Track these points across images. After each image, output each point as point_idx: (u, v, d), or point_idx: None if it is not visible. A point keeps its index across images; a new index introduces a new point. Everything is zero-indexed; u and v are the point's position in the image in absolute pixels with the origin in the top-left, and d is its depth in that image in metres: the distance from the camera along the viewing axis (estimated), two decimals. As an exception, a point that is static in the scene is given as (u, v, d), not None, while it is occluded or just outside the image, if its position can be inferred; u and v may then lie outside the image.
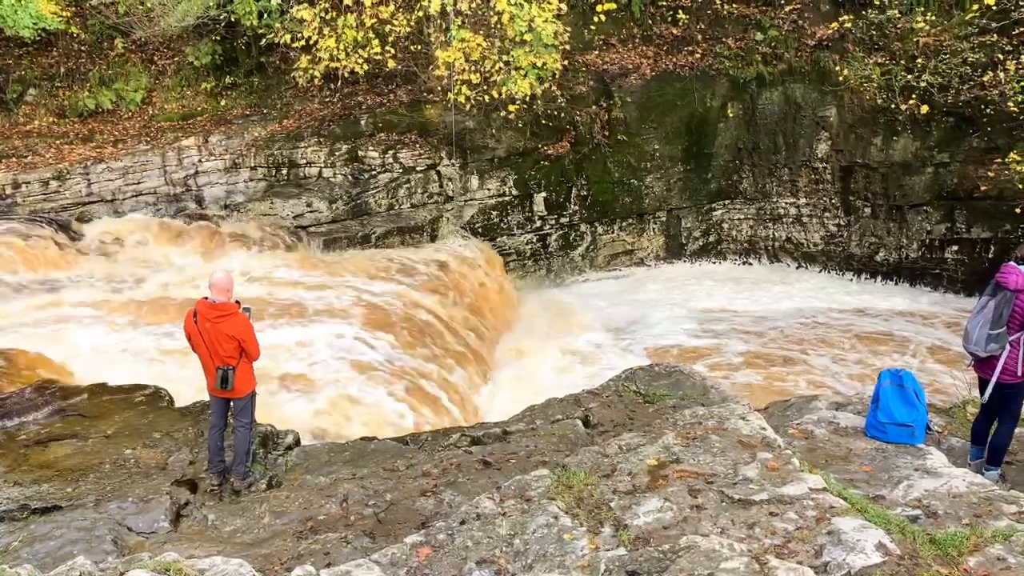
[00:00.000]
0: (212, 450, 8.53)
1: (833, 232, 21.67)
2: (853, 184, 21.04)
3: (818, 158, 21.36)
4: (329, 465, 8.88)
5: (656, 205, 22.29)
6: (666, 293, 20.69)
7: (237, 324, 8.08)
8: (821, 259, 21.95)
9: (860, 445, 7.39)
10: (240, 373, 8.19)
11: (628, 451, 6.25)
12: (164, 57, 21.95)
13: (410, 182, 19.99)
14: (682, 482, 5.65)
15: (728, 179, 22.43)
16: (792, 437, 7.62)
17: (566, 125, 21.10)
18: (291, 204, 19.22)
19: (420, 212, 20.02)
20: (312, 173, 19.92)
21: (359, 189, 19.74)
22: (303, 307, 15.12)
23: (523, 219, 21.09)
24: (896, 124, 19.98)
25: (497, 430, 9.48)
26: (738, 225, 22.76)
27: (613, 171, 21.69)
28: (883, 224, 20.77)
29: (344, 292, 15.76)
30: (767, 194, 22.20)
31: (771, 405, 9.82)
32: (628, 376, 10.70)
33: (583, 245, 21.97)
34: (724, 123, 21.98)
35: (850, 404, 8.74)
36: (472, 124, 20.36)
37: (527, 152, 20.86)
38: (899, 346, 17.51)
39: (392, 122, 20.52)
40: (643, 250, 22.64)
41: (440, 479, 8.05)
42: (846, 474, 6.78)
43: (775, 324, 18.69)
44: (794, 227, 22.15)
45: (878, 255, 21.05)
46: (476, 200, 20.60)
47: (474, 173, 20.51)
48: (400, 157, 20.04)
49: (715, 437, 6.23)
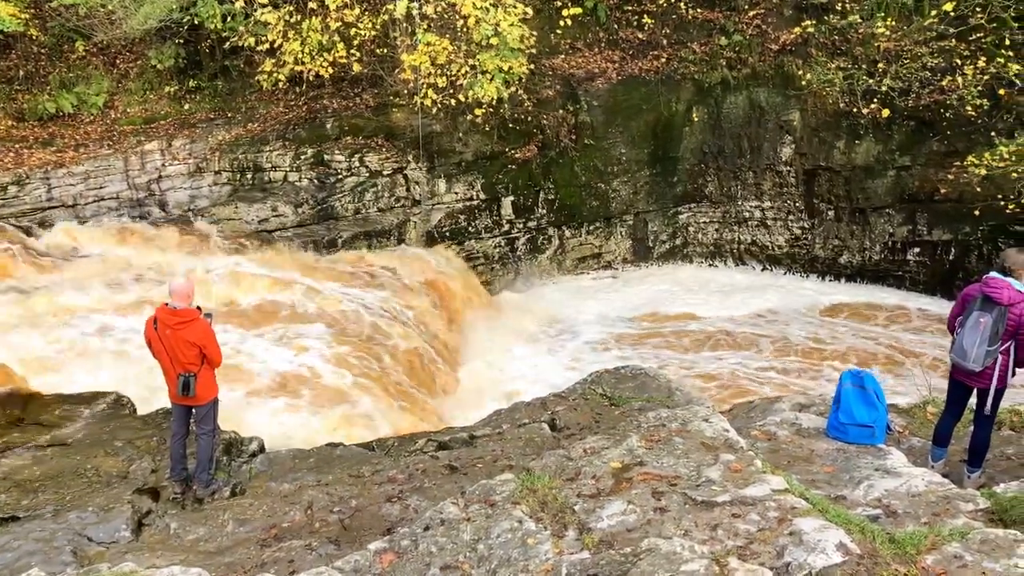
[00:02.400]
0: (174, 458, 8.43)
1: (798, 235, 21.84)
2: (817, 187, 21.22)
3: (782, 162, 21.52)
4: (294, 472, 8.82)
5: (623, 209, 22.38)
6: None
7: (198, 330, 8.01)
8: (786, 261, 22.10)
9: (822, 446, 7.44)
10: (202, 380, 8.12)
11: (593, 454, 6.25)
12: (126, 60, 21.67)
13: (377, 186, 19.95)
14: (646, 485, 5.64)
15: (694, 183, 22.53)
16: (755, 439, 7.66)
17: (533, 129, 21.14)
18: (256, 209, 19.07)
19: (387, 216, 19.96)
20: (277, 177, 19.83)
21: (325, 193, 19.66)
22: (274, 311, 15.11)
23: (491, 223, 21.11)
24: (858, 128, 20.18)
25: (464, 435, 9.48)
26: (704, 228, 22.88)
27: (580, 175, 21.77)
28: (846, 227, 20.95)
29: (315, 296, 15.81)
30: (732, 197, 22.34)
31: (735, 407, 9.87)
32: (595, 379, 10.75)
33: (551, 248, 22.03)
34: (689, 127, 22.09)
35: (813, 405, 8.78)
36: (439, 128, 20.33)
37: (494, 156, 20.87)
38: (861, 347, 17.69)
39: (358, 126, 20.46)
40: (610, 253, 22.73)
41: (406, 485, 8.02)
42: (808, 475, 6.82)
43: (741, 326, 18.92)
44: (759, 230, 22.31)
45: (842, 257, 21.24)
46: (444, 204, 20.57)
47: (441, 177, 20.48)
48: (367, 161, 19.99)
49: (679, 439, 6.24)
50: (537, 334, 18.78)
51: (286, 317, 15.07)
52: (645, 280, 22.06)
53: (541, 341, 18.39)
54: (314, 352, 14.13)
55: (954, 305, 7.75)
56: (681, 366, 16.91)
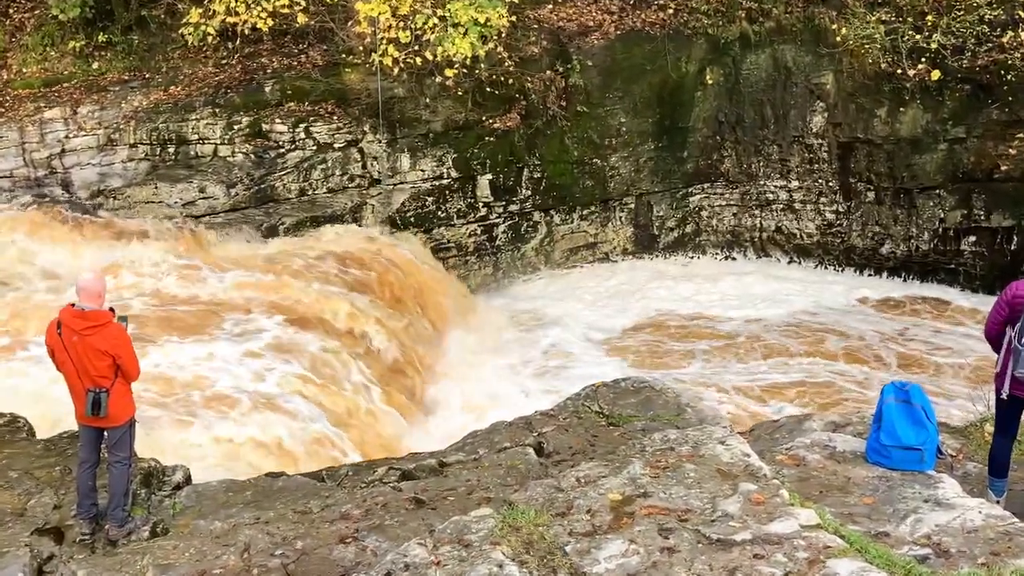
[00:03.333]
0: (82, 491, 8.27)
1: (831, 221, 21.78)
2: (854, 164, 21.11)
3: (812, 133, 21.41)
4: (227, 507, 8.72)
5: (623, 189, 22.27)
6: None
7: (111, 337, 7.87)
8: (817, 253, 22.08)
9: (860, 473, 7.42)
10: (116, 396, 7.97)
11: (587, 484, 6.26)
12: (21, 10, 21.50)
13: (326, 162, 19.78)
14: (651, 520, 5.64)
15: (707, 158, 22.41)
16: (781, 464, 7.64)
17: (515, 94, 20.98)
18: (180, 189, 18.94)
19: (339, 198, 19.84)
20: (206, 152, 19.68)
21: (264, 171, 19.50)
22: (198, 316, 15.03)
23: (465, 207, 20.97)
24: (903, 93, 20.09)
25: (432, 461, 9.44)
26: (719, 213, 22.82)
27: (572, 149, 21.65)
28: (889, 211, 20.94)
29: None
30: (753, 176, 22.23)
31: (757, 427, 9.93)
32: (589, 394, 10.73)
33: (537, 237, 21.94)
34: (702, 92, 21.96)
35: (849, 424, 8.78)
36: (402, 92, 20.16)
37: (469, 126, 20.69)
38: (907, 354, 17.77)
39: (304, 89, 20.29)
40: (608, 243, 22.65)
41: (363, 522, 7.95)
42: (844, 507, 6.80)
43: (763, 328, 19.04)
44: (785, 215, 22.26)
45: (883, 247, 21.23)
46: (407, 184, 20.45)
47: (405, 151, 20.32)
48: (314, 132, 19.82)
49: (690, 466, 6.26)
50: (520, 340, 18.80)
51: (214, 320, 15.06)
52: (649, 275, 21.96)
53: (524, 348, 18.43)
54: (250, 360, 14.14)
55: (995, 307, 7.76)
56: (693, 378, 16.90)
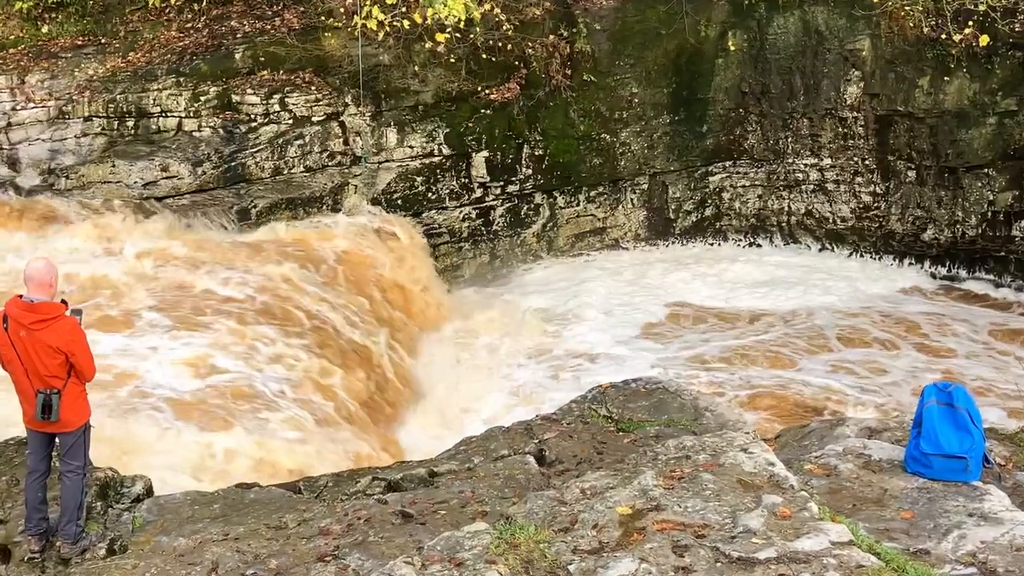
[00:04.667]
0: (30, 504, 8.20)
1: (867, 203, 21.81)
2: (893, 139, 21.12)
3: (847, 105, 21.40)
4: (193, 522, 8.67)
5: (635, 168, 22.29)
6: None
7: (63, 331, 7.86)
8: (852, 239, 22.12)
9: (898, 484, 7.39)
10: (69, 398, 7.97)
11: (594, 496, 6.26)
12: (-39, -34, 21.46)
13: (304, 138, 19.80)
14: (664, 536, 5.61)
15: (729, 134, 22.46)
16: (810, 474, 7.61)
17: (514, 61, 21.06)
18: (140, 168, 18.93)
19: (318, 178, 19.86)
20: (169, 126, 19.70)
21: (234, 147, 19.53)
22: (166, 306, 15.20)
23: (458, 187, 21.01)
24: (948, 60, 20.09)
25: (421, 471, 9.43)
26: (743, 194, 22.86)
27: (577, 123, 21.66)
28: (932, 192, 20.91)
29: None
30: (780, 153, 22.24)
31: (784, 432, 9.90)
32: (596, 396, 10.73)
33: (539, 222, 21.99)
34: (723, 59, 22.04)
35: (886, 430, 8.71)
36: (387, 59, 20.22)
37: (462, 97, 20.73)
38: (949, 353, 17.89)
39: (278, 56, 20.36)
40: (618, 228, 22.71)
41: (344, 538, 7.91)
42: (880, 522, 6.79)
43: (793, 324, 19.13)
44: (816, 197, 22.29)
45: (926, 233, 21.22)
46: (394, 162, 20.45)
47: (391, 125, 20.33)
48: (290, 104, 19.84)
49: (708, 476, 6.26)
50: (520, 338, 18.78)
51: (176, 315, 15.17)
52: (664, 263, 22.04)
53: (524, 346, 18.47)
54: (219, 364, 14.21)
55: None
56: (711, 379, 16.98)
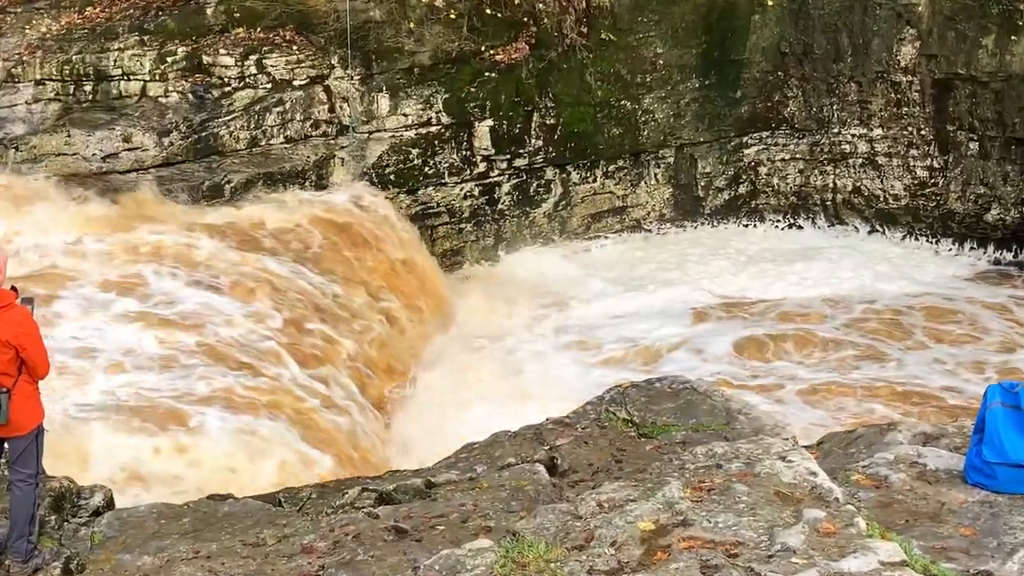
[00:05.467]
0: (-25, 519, 8.63)
1: (923, 179, 21.98)
2: (952, 107, 21.32)
3: (900, 68, 21.61)
4: (159, 538, 8.70)
5: (659, 139, 22.50)
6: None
7: (13, 323, 8.03)
8: (905, 219, 22.34)
9: (957, 496, 7.50)
10: (19, 398, 8.15)
11: (612, 510, 6.34)
12: None
13: (284, 104, 19.84)
14: (691, 555, 5.68)
15: (766, 100, 22.68)
16: (857, 486, 7.72)
17: (523, 17, 21.32)
18: (99, 138, 18.88)
19: (300, 150, 19.89)
20: (131, 90, 19.69)
21: (205, 115, 19.57)
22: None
23: (459, 161, 21.06)
24: (1016, 16, 20.43)
25: (417, 481, 9.52)
26: (782, 169, 23.03)
27: (594, 88, 21.77)
28: (996, 167, 21.13)
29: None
30: (825, 123, 22.44)
31: (827, 438, 10.00)
32: (615, 397, 10.77)
33: (550, 200, 22.15)
34: (760, 15, 22.33)
35: (943, 436, 8.79)
36: (379, 15, 20.37)
37: (464, 59, 20.91)
38: (1018, 346, 18.14)
39: (256, 12, 20.41)
40: (640, 207, 22.87)
41: (329, 556, 7.85)
42: (936, 540, 6.86)
43: (835, 316, 19.37)
44: (865, 172, 22.45)
45: (990, 213, 21.47)
46: (386, 132, 20.53)
47: (383, 91, 20.43)
48: (268, 66, 19.91)
49: (742, 487, 6.33)
50: (529, 327, 19.06)
51: (136, 303, 15.39)
52: (693, 247, 22.40)
53: (533, 342, 18.68)
54: (185, 359, 14.59)
55: None
56: (745, 378, 17.41)
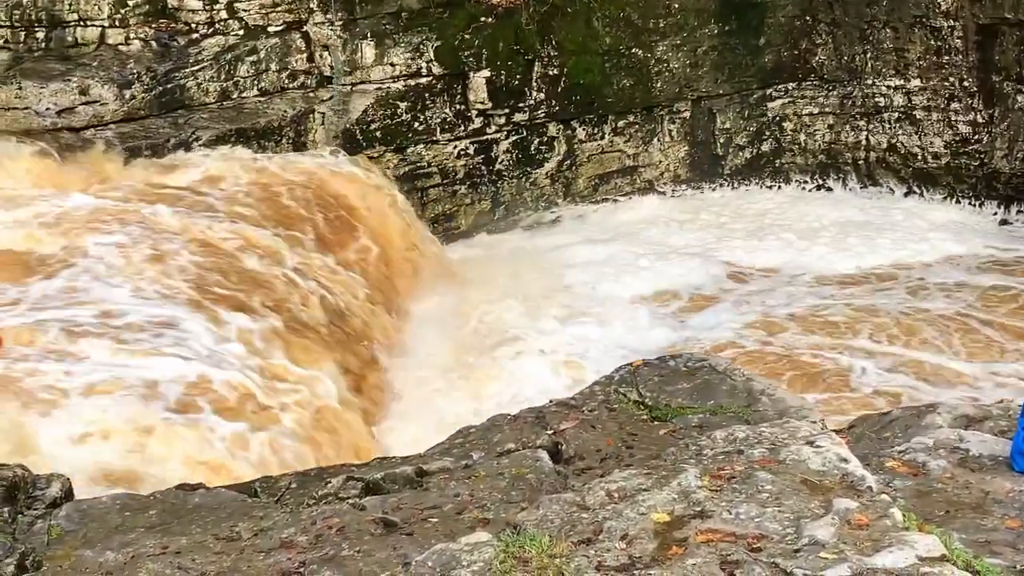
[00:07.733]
0: (-77, 514, 8.80)
1: (965, 136, 22.03)
2: (999, 56, 21.39)
3: (941, 12, 21.68)
4: (123, 532, 8.47)
5: (674, 92, 22.62)
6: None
7: None
8: (946, 180, 22.40)
9: (1003, 485, 7.33)
10: None
11: (622, 500, 6.05)
12: None
13: (258, 53, 19.99)
14: (710, 549, 5.38)
15: (793, 48, 22.85)
16: (892, 473, 7.57)
17: None
18: (53, 91, 18.98)
19: (276, 104, 20.05)
20: (89, 37, 19.79)
21: (170, 65, 19.65)
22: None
23: (452, 116, 21.21)
24: None
25: (407, 469, 9.20)
26: (809, 125, 23.17)
27: (602, 34, 21.92)
28: None
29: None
30: (857, 73, 22.58)
31: (859, 421, 9.86)
32: (625, 377, 10.39)
33: (553, 159, 22.25)
34: None
35: (987, 418, 8.60)
36: None
37: (457, 1, 21.06)
38: None
39: None
40: (653, 167, 22.98)
41: (311, 552, 7.61)
42: (979, 532, 6.69)
43: (870, 287, 19.48)
44: (902, 127, 22.53)
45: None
46: (371, 83, 20.68)
47: (367, 38, 20.56)
48: (240, 10, 20.00)
49: (765, 475, 6.08)
50: (532, 310, 18.99)
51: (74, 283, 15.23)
52: (711, 211, 22.51)
53: (538, 322, 18.67)
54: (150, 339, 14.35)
55: None
56: (769, 356, 17.33)
